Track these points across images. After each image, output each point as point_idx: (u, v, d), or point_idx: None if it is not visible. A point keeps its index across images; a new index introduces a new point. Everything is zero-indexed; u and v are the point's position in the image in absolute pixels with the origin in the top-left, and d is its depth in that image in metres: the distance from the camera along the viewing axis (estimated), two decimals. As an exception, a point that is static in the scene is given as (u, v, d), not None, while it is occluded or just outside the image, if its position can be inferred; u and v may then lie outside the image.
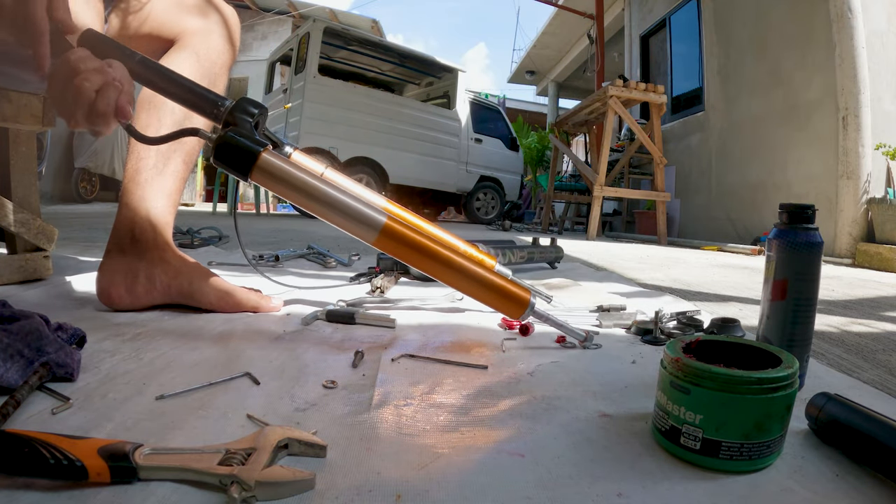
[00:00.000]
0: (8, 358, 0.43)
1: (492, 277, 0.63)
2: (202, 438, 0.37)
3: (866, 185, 2.89)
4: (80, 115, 0.52)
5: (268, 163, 0.57)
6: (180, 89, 0.60)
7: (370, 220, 0.60)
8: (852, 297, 1.38)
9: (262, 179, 0.58)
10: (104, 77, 0.52)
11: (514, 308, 0.64)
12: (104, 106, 0.52)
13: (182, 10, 0.78)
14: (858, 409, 0.40)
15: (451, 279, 0.62)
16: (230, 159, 0.57)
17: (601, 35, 6.60)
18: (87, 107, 0.51)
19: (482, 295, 0.63)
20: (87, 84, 0.51)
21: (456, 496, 0.32)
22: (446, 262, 0.62)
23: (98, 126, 0.53)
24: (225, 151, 0.57)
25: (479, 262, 0.64)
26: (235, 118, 0.58)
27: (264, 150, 0.57)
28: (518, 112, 11.14)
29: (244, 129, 0.58)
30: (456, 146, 5.46)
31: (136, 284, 0.71)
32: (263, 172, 0.57)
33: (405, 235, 0.61)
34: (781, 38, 3.48)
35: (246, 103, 0.59)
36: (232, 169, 0.57)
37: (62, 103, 0.52)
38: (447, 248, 0.62)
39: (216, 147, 0.57)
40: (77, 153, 5.24)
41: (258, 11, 9.17)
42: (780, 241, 0.52)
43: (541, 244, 1.46)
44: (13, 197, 0.87)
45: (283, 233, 2.47)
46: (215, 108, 0.59)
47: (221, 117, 0.59)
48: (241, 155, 0.57)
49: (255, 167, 0.57)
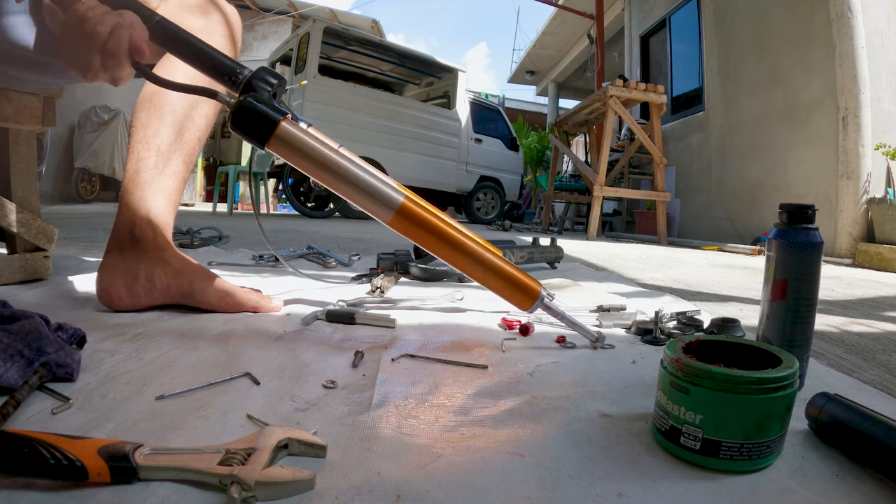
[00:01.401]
0: (8, 358, 0.43)
1: (504, 265, 0.62)
2: (202, 438, 0.37)
3: (866, 185, 2.89)
4: (95, 60, 0.51)
5: (287, 132, 0.56)
6: (199, 54, 0.58)
7: (387, 198, 0.58)
8: (852, 297, 1.38)
9: (279, 149, 0.56)
10: (114, 19, 0.51)
11: (524, 298, 0.63)
12: (116, 45, 0.51)
13: (184, 9, 0.78)
14: (858, 409, 0.40)
15: (464, 264, 0.61)
16: (248, 126, 0.55)
17: (601, 35, 6.60)
18: (101, 49, 0.51)
19: (493, 282, 0.62)
20: (100, 28, 0.50)
21: (456, 496, 0.32)
22: (460, 247, 0.61)
23: (114, 70, 0.52)
24: (243, 117, 0.55)
25: (492, 251, 0.63)
26: (254, 86, 0.57)
27: (283, 119, 0.56)
28: (518, 112, 11.14)
29: (263, 97, 0.56)
30: (456, 146, 5.46)
31: (136, 285, 0.71)
32: (281, 142, 0.56)
33: (421, 216, 0.59)
34: (781, 38, 3.48)
35: (265, 73, 0.58)
36: (249, 136, 0.55)
37: (76, 55, 0.51)
38: (461, 234, 0.61)
39: (234, 112, 0.55)
40: (77, 153, 5.24)
41: (258, 11, 9.17)
42: (780, 241, 0.52)
43: (541, 244, 1.46)
44: (13, 197, 0.87)
45: (283, 233, 2.47)
46: (234, 76, 0.57)
47: (240, 85, 0.57)
48: (260, 122, 0.55)
49: (274, 136, 0.55)
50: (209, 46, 0.59)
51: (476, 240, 0.63)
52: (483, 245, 0.63)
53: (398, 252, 1.24)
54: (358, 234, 2.58)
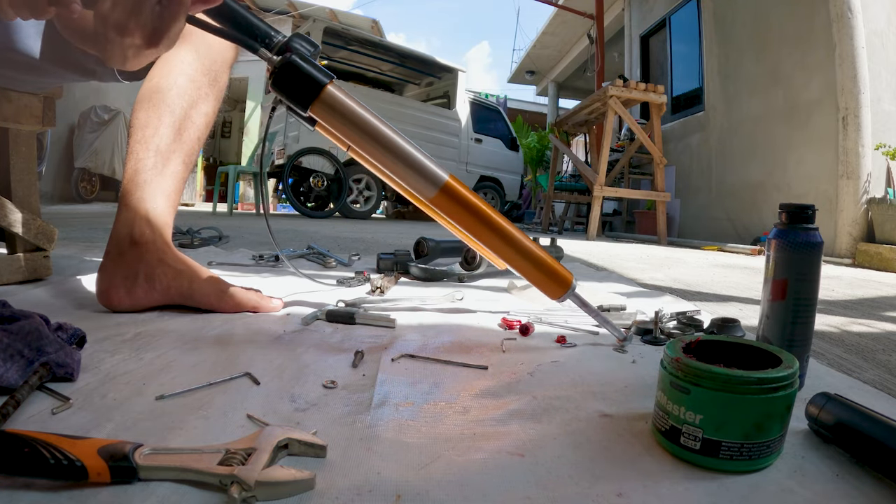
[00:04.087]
0: (8, 358, 0.43)
1: (540, 253, 0.62)
2: (202, 438, 0.37)
3: (866, 185, 2.89)
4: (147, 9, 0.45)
5: (333, 96, 0.53)
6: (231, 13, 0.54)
7: (433, 174, 0.57)
8: (852, 297, 1.38)
9: (323, 113, 0.53)
10: None
11: (556, 287, 0.63)
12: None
13: None
14: (858, 408, 0.40)
15: (501, 247, 0.61)
16: (291, 86, 0.52)
17: (601, 35, 6.60)
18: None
19: (527, 268, 0.62)
20: None
21: (456, 496, 0.32)
22: (498, 229, 0.60)
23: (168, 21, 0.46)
24: (287, 77, 0.51)
25: (528, 238, 0.63)
26: (292, 48, 0.53)
27: (330, 82, 0.53)
28: (518, 112, 11.14)
29: (306, 58, 0.53)
30: (456, 146, 5.47)
31: (136, 286, 0.71)
32: (327, 106, 0.53)
33: (464, 196, 0.58)
34: (781, 38, 3.48)
35: (301, 38, 0.55)
36: (291, 98, 0.52)
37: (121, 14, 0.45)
38: (500, 217, 0.61)
39: (278, 70, 0.51)
40: (77, 153, 5.24)
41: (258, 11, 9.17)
42: (780, 241, 0.52)
43: (541, 244, 1.46)
44: (13, 197, 0.87)
45: (284, 233, 2.47)
46: (268, 38, 0.54)
47: (274, 48, 0.54)
48: (306, 83, 0.52)
49: (319, 99, 0.52)
50: (244, 6, 0.55)
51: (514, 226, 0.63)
52: (521, 231, 0.63)
53: (398, 252, 1.24)
54: (358, 234, 2.58)
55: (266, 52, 0.53)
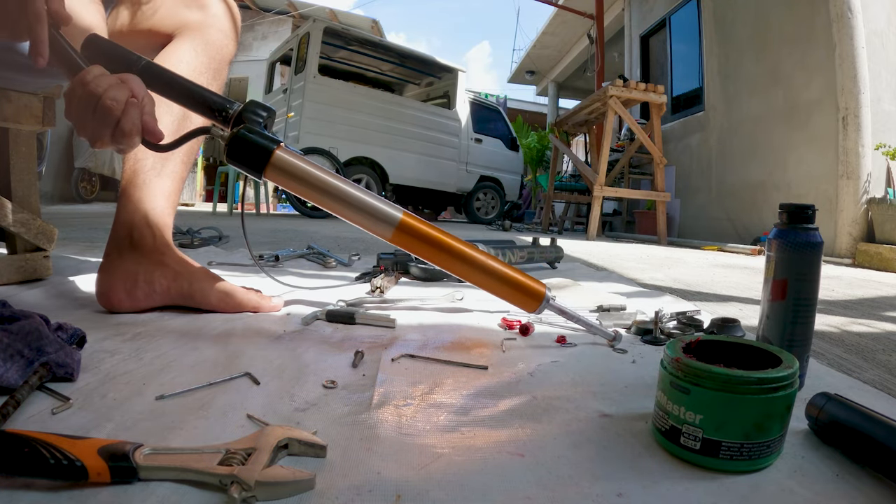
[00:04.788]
0: (8, 358, 0.43)
1: (506, 270, 0.63)
2: (202, 438, 0.37)
3: (866, 185, 2.89)
4: (107, 136, 0.51)
5: (282, 160, 0.56)
6: (187, 93, 0.59)
7: (387, 216, 0.60)
8: (852, 297, 1.38)
9: (276, 177, 0.57)
10: (125, 95, 0.51)
11: (529, 301, 0.64)
12: (130, 126, 0.51)
13: (181, 2, 0.78)
14: (858, 409, 0.40)
15: (467, 273, 0.63)
16: (244, 157, 0.56)
17: (601, 35, 6.60)
18: (115, 127, 0.51)
19: (497, 288, 0.63)
20: (113, 105, 0.50)
21: (456, 496, 0.32)
22: (461, 256, 0.62)
23: (124, 145, 0.52)
24: (238, 148, 0.56)
25: (492, 258, 0.64)
26: (245, 118, 0.58)
27: (278, 147, 0.56)
28: (518, 112, 11.14)
29: (256, 128, 0.57)
30: (456, 146, 5.46)
31: (136, 288, 0.71)
32: (278, 170, 0.56)
33: (421, 231, 0.61)
34: (781, 38, 3.48)
35: (255, 105, 0.59)
36: (246, 167, 0.56)
37: (85, 125, 0.51)
38: (461, 244, 0.63)
39: (229, 144, 0.56)
40: (77, 153, 5.24)
41: (258, 11, 9.16)
42: (780, 241, 0.52)
43: (541, 244, 1.46)
44: (13, 197, 0.87)
45: (283, 233, 2.47)
46: (224, 111, 0.58)
47: (231, 119, 0.58)
48: (255, 152, 0.56)
49: (270, 164, 0.56)
50: (197, 85, 0.60)
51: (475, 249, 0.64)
52: (483, 253, 0.64)
53: (398, 252, 1.24)
54: (358, 234, 2.58)
55: (217, 130, 0.58)
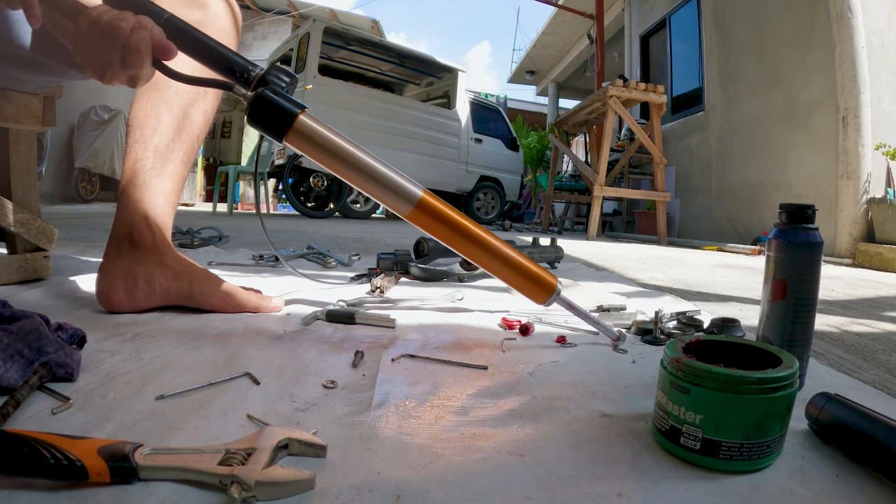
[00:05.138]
0: (8, 358, 0.43)
1: (520, 259, 0.63)
2: (202, 438, 0.37)
3: (866, 185, 2.89)
4: (116, 59, 0.50)
5: (305, 125, 0.55)
6: (210, 51, 0.57)
7: (407, 192, 0.59)
8: (852, 297, 1.38)
9: (297, 142, 0.56)
10: (132, 19, 0.50)
11: (540, 292, 0.63)
12: (138, 41, 0.50)
13: (181, 2, 0.78)
14: (858, 409, 0.40)
15: (481, 257, 0.62)
16: (265, 119, 0.54)
17: (601, 35, 6.60)
18: (123, 47, 0.49)
19: (509, 276, 0.63)
20: (121, 24, 0.49)
21: (456, 496, 0.32)
22: (477, 240, 0.61)
23: (135, 68, 0.51)
24: (261, 110, 0.54)
25: (507, 245, 0.64)
26: (268, 82, 0.56)
27: (302, 112, 0.55)
28: (518, 112, 11.14)
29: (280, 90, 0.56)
30: (456, 146, 5.46)
31: (136, 288, 0.71)
32: (300, 135, 0.55)
33: (440, 210, 0.60)
34: (781, 38, 3.48)
35: (277, 70, 0.57)
36: (267, 129, 0.55)
37: (93, 52, 0.50)
38: (478, 227, 0.62)
39: (252, 104, 0.54)
40: (77, 153, 5.24)
41: (258, 11, 9.17)
42: (780, 241, 0.52)
43: (541, 244, 1.46)
44: (13, 197, 0.87)
45: (283, 233, 2.47)
46: (246, 73, 0.57)
47: (252, 82, 0.57)
48: (278, 114, 0.54)
49: (292, 129, 0.55)
50: (220, 44, 0.58)
51: (492, 234, 0.63)
52: (499, 239, 0.63)
53: (398, 252, 1.24)
54: (358, 234, 2.58)
55: (240, 89, 0.56)
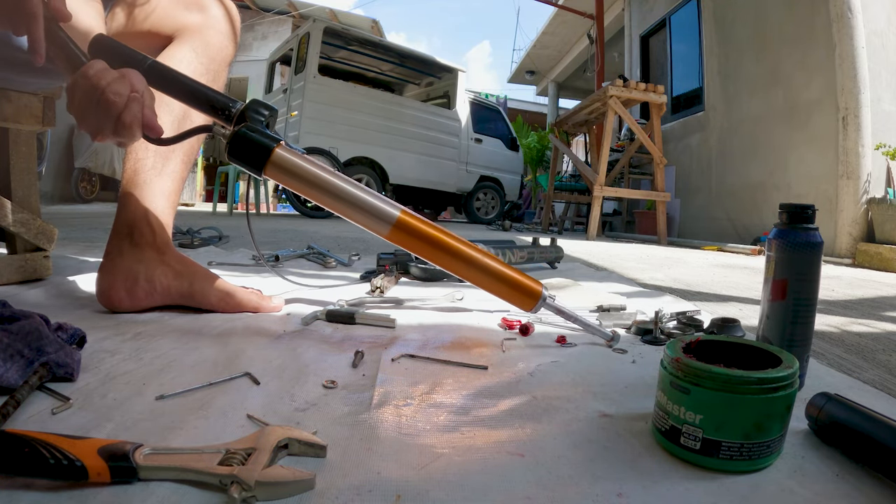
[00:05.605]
0: (8, 358, 0.43)
1: (503, 269, 0.64)
2: (202, 438, 0.37)
3: (866, 185, 2.89)
4: (108, 129, 0.52)
5: (282, 157, 0.58)
6: (191, 92, 0.60)
7: (384, 213, 0.61)
8: (852, 297, 1.38)
9: (275, 174, 0.58)
10: (127, 89, 0.52)
11: (526, 300, 0.64)
12: (131, 119, 0.52)
13: (181, 5, 0.78)
14: (858, 409, 0.40)
15: (464, 270, 0.63)
16: (244, 154, 0.57)
17: (601, 35, 6.60)
18: (116, 121, 0.52)
19: (494, 287, 0.64)
20: (116, 98, 0.51)
21: (456, 496, 0.32)
22: (458, 254, 0.62)
23: (124, 139, 0.54)
24: (239, 146, 0.57)
25: (490, 256, 0.65)
26: (247, 117, 0.59)
27: (278, 146, 0.58)
28: (518, 112, 11.14)
29: (257, 126, 0.59)
30: (456, 146, 5.46)
31: (136, 287, 0.71)
32: (277, 167, 0.58)
33: (418, 228, 0.61)
34: (781, 38, 3.48)
35: (257, 104, 0.60)
36: (246, 164, 0.58)
37: (87, 117, 0.52)
38: (458, 242, 0.63)
39: (230, 142, 0.57)
40: (77, 153, 5.24)
41: (258, 11, 9.16)
42: (780, 241, 0.52)
43: (541, 244, 1.46)
44: (13, 197, 0.87)
45: (283, 233, 2.47)
46: (227, 110, 0.60)
47: (233, 118, 0.60)
48: (255, 150, 0.57)
49: (269, 162, 0.57)
50: (201, 84, 0.61)
51: (473, 247, 0.64)
52: (480, 251, 0.64)
53: (398, 252, 1.24)
54: (358, 234, 2.58)
55: (220, 129, 0.59)
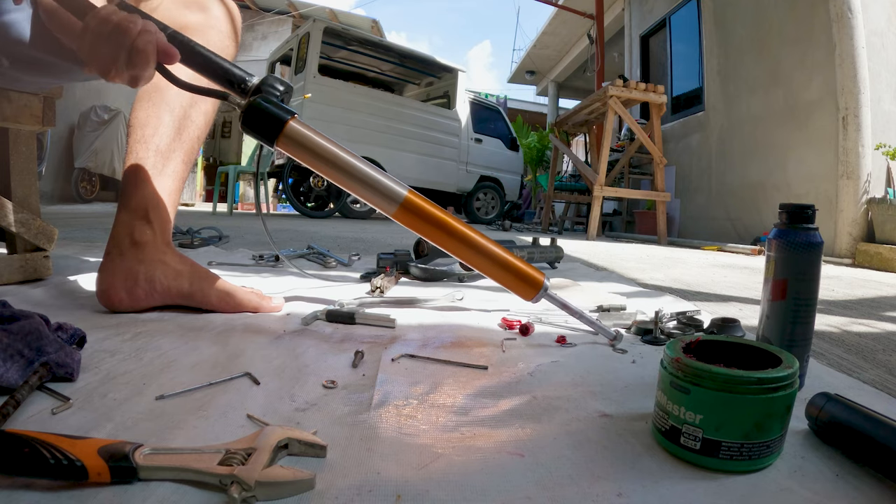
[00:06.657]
0: (8, 358, 0.43)
1: (507, 256, 0.64)
2: (202, 438, 0.37)
3: (866, 185, 2.89)
4: (122, 58, 0.52)
5: (295, 130, 0.58)
6: (209, 64, 0.61)
7: (392, 192, 0.61)
8: (852, 297, 1.38)
9: (288, 146, 0.59)
10: (140, 21, 0.53)
11: (527, 288, 0.65)
12: (145, 43, 0.52)
13: (182, 5, 0.78)
14: (858, 409, 0.40)
15: (467, 254, 0.63)
16: (257, 125, 0.58)
17: (601, 35, 6.60)
18: (130, 47, 0.52)
19: (496, 272, 0.64)
20: (130, 25, 0.52)
21: (456, 496, 0.32)
22: (463, 238, 0.63)
23: (140, 69, 0.53)
24: (253, 117, 0.57)
25: (493, 242, 0.65)
26: (263, 90, 0.60)
27: (292, 118, 0.58)
28: (518, 112, 11.14)
29: (272, 98, 0.59)
30: (456, 146, 5.46)
31: (136, 287, 0.71)
32: (290, 140, 0.58)
33: (425, 209, 0.62)
34: (781, 38, 3.48)
35: (273, 80, 0.60)
36: (259, 135, 0.58)
37: (99, 50, 0.52)
38: (463, 226, 0.64)
39: (244, 112, 0.58)
40: (77, 153, 5.23)
41: (258, 11, 9.17)
42: (780, 241, 0.52)
43: (541, 244, 1.46)
44: (13, 197, 0.87)
45: (283, 232, 2.47)
46: (243, 83, 0.60)
47: (249, 91, 0.60)
48: (269, 121, 0.58)
49: (283, 134, 0.58)
50: (219, 56, 0.61)
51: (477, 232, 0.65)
52: (484, 237, 0.65)
53: (398, 252, 1.24)
54: (358, 234, 2.58)
55: (235, 98, 0.60)
